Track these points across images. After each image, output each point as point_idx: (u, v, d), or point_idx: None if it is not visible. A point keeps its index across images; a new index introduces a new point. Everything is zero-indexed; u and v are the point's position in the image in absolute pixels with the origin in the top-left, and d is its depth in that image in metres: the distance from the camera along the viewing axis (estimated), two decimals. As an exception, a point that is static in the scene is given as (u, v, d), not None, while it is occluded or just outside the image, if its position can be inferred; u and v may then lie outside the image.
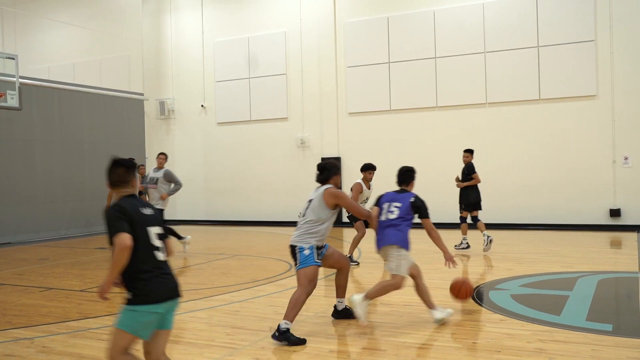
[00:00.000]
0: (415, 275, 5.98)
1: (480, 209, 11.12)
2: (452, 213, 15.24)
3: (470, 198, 11.09)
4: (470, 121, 15.53)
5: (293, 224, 17.37)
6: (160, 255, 3.79)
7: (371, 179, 9.79)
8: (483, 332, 5.52)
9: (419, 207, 5.94)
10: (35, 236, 15.21)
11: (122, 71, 20.14)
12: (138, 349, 3.84)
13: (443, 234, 6.14)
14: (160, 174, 11.25)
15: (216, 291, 7.90)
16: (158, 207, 10.55)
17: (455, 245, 11.08)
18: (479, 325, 5.78)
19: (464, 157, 11.44)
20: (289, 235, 5.98)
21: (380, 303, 6.78)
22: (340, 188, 6.13)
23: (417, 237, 6.61)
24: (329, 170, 6.06)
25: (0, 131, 14.46)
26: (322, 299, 7.26)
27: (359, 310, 5.84)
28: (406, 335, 5.55)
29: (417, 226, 5.82)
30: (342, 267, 6.22)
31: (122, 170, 3.88)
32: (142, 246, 3.69)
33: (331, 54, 17.16)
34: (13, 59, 13.30)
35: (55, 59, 21.13)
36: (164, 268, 3.79)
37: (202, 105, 19.21)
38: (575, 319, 5.90)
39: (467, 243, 11.09)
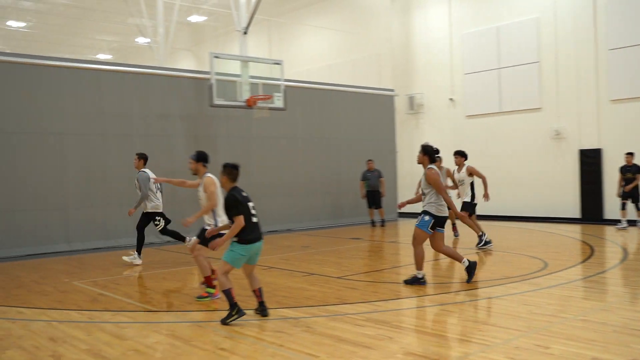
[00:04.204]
0: None
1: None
2: None
3: None
4: None
5: (546, 219, 16.37)
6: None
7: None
8: None
9: None
10: (299, 225, 16.65)
11: (373, 69, 20.98)
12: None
13: None
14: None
15: (465, 286, 7.86)
16: None
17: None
18: None
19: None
20: (540, 231, 5.74)
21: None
22: None
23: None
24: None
25: (268, 130, 16.10)
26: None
27: None
28: None
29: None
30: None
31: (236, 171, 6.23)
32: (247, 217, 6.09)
33: (590, 37, 15.81)
34: (279, 64, 14.74)
35: (313, 61, 22.83)
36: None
37: (450, 99, 19.15)
38: None
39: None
